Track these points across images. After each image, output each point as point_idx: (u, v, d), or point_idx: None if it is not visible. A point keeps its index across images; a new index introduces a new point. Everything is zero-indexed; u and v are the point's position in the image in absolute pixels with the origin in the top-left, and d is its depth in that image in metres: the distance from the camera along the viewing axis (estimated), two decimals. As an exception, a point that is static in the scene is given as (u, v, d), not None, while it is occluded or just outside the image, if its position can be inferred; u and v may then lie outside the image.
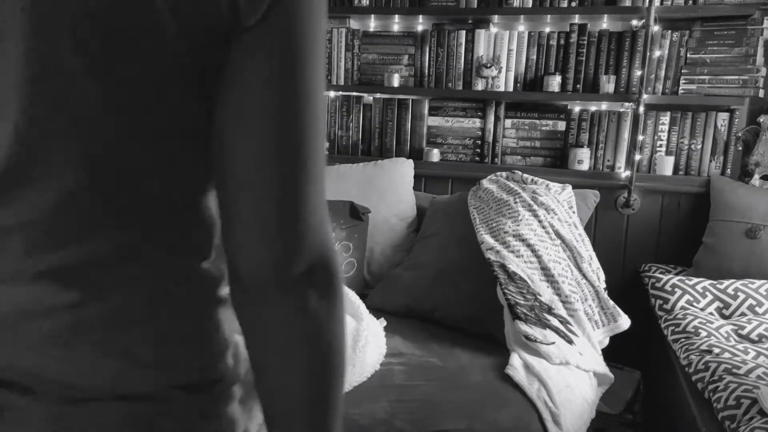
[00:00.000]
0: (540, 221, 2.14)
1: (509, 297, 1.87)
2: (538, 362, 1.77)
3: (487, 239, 2.07)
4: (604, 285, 2.16)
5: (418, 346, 1.91)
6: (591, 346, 1.95)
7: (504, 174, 2.51)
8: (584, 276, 2.08)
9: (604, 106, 2.83)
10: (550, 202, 2.22)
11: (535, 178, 2.43)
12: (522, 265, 1.99)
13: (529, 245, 2.04)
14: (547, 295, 1.96)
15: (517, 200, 2.22)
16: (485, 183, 2.44)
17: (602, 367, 1.92)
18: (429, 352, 1.90)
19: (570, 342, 1.86)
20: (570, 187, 2.40)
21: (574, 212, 2.30)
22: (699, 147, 2.70)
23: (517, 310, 1.85)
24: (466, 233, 2.20)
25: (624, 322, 2.03)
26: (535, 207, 2.19)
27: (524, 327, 1.82)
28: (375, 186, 2.63)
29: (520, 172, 2.49)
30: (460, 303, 2.07)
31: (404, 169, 2.75)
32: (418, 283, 2.12)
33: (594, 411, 1.85)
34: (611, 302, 2.06)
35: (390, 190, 2.64)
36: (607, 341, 2.09)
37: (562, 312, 1.94)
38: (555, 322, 1.89)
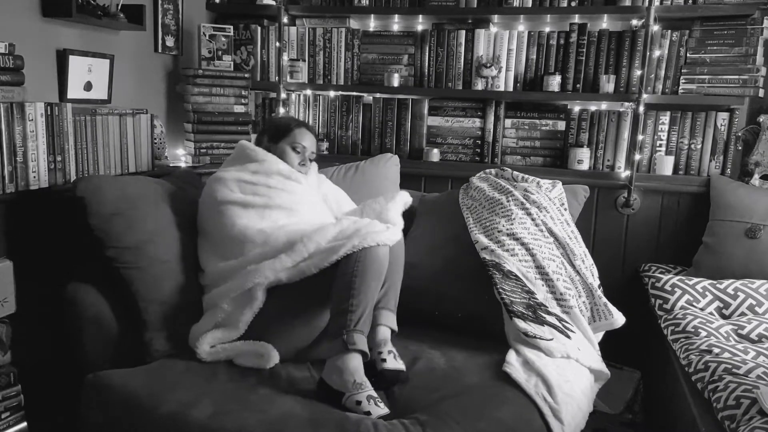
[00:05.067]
0: (533, 219, 2.14)
1: (504, 296, 1.87)
2: (537, 357, 1.77)
3: (481, 239, 2.07)
4: (597, 282, 2.16)
5: (415, 346, 1.92)
6: (588, 342, 1.95)
7: (493, 171, 2.48)
8: (578, 273, 2.08)
9: (604, 105, 2.83)
10: (542, 200, 2.21)
11: (526, 176, 2.40)
12: (517, 263, 1.98)
13: (523, 244, 2.04)
14: (541, 293, 1.96)
15: (510, 199, 2.21)
16: (476, 181, 2.42)
17: (599, 364, 1.92)
18: (425, 351, 1.91)
19: (568, 337, 1.87)
20: (560, 183, 2.37)
21: (565, 209, 2.29)
22: (699, 147, 2.70)
23: (513, 309, 1.85)
24: (459, 232, 2.19)
25: (618, 319, 2.02)
26: (528, 205, 2.18)
27: (522, 324, 1.82)
28: (362, 186, 2.55)
29: (510, 170, 2.46)
30: (457, 301, 2.07)
31: (388, 169, 2.64)
32: (414, 283, 2.12)
33: (592, 405, 1.85)
34: (604, 299, 2.06)
35: (378, 189, 2.56)
36: (600, 337, 2.08)
37: (557, 310, 1.94)
38: (551, 319, 1.89)
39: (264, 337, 1.82)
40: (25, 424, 1.77)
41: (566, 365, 1.80)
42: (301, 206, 2.06)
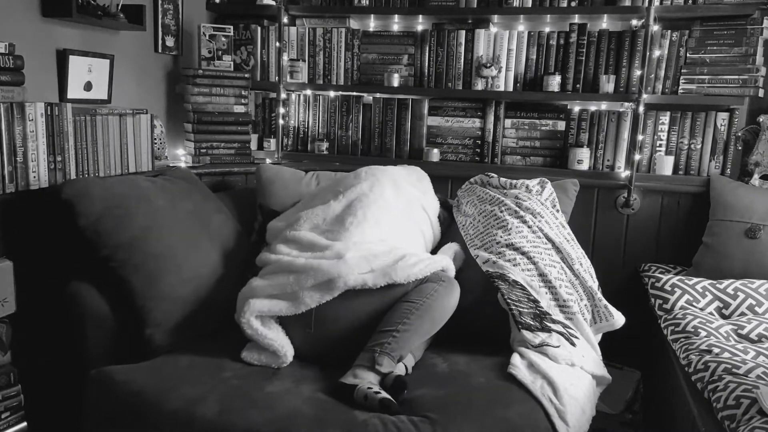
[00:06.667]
0: (529, 227, 2.12)
1: (512, 307, 1.87)
2: (542, 360, 1.77)
3: (482, 253, 2.05)
4: (597, 283, 2.15)
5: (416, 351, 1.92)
6: (591, 348, 1.95)
7: (478, 179, 2.47)
8: (577, 276, 2.08)
9: (603, 105, 2.83)
10: (535, 206, 2.19)
11: (513, 181, 2.37)
12: (521, 273, 1.98)
13: (523, 253, 2.03)
14: (545, 301, 1.95)
15: (503, 209, 2.20)
16: (464, 196, 2.41)
17: (601, 369, 1.93)
18: (426, 355, 1.91)
19: (573, 345, 1.87)
20: (549, 184, 2.35)
21: (558, 211, 2.27)
22: (699, 147, 2.71)
23: (522, 320, 1.85)
24: (457, 239, 2.21)
25: (618, 320, 2.02)
26: (522, 213, 2.16)
27: (530, 336, 1.82)
28: None
29: (495, 175, 2.43)
30: (461, 306, 2.07)
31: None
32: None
33: (594, 409, 1.85)
34: (604, 301, 2.05)
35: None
36: (599, 337, 2.08)
37: (560, 317, 1.94)
38: (557, 327, 1.89)
39: (296, 330, 1.82)
40: (25, 424, 1.78)
41: (570, 369, 1.80)
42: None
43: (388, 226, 2.11)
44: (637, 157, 2.69)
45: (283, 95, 3.02)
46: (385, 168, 2.37)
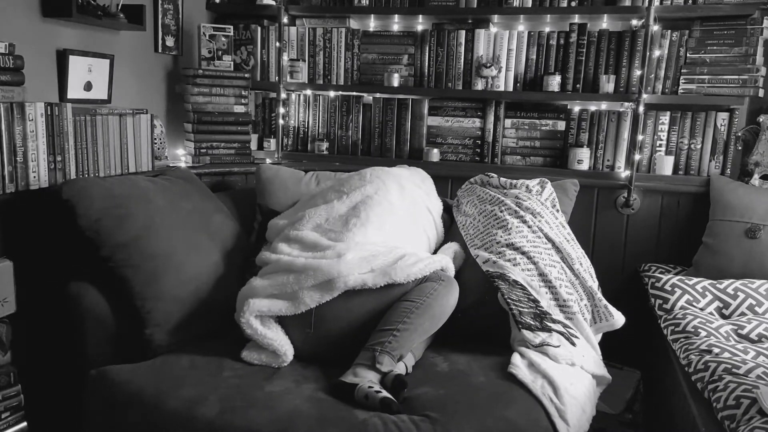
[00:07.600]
0: (529, 226, 2.12)
1: (512, 306, 1.87)
2: (542, 360, 1.77)
3: (482, 253, 2.06)
4: (597, 283, 2.15)
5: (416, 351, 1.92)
6: (591, 348, 1.95)
7: (478, 179, 2.47)
8: (577, 276, 2.08)
9: (603, 105, 2.83)
10: (535, 206, 2.19)
11: (513, 181, 2.37)
12: (521, 273, 1.98)
13: (523, 253, 2.03)
14: (545, 301, 1.95)
15: (503, 209, 2.20)
16: (464, 196, 2.41)
17: (601, 369, 1.93)
18: (427, 355, 1.91)
19: (573, 345, 1.87)
20: (549, 184, 2.35)
21: (558, 211, 2.27)
22: (699, 147, 2.71)
23: (522, 320, 1.85)
24: (457, 239, 2.21)
25: (618, 320, 2.02)
26: (522, 213, 2.16)
27: (530, 336, 1.83)
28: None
29: (495, 175, 2.43)
30: (460, 307, 2.07)
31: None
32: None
33: (594, 409, 1.85)
34: (604, 301, 2.06)
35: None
36: (599, 337, 2.08)
37: (560, 317, 1.94)
38: (557, 327, 1.89)
39: (296, 329, 1.82)
40: (25, 424, 1.77)
41: (570, 369, 1.80)
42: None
43: (392, 228, 2.11)
44: (637, 157, 2.69)
45: (283, 95, 3.02)
46: (389, 170, 2.37)
